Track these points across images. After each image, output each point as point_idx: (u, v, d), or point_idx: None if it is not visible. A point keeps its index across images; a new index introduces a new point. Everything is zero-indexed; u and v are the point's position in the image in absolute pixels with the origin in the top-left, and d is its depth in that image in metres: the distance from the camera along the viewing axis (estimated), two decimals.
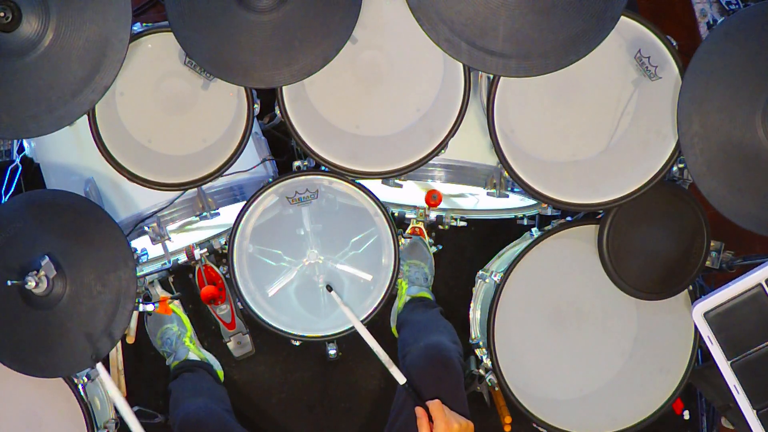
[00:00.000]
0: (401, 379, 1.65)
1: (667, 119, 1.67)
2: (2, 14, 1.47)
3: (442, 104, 1.75)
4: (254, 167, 1.92)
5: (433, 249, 2.26)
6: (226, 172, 1.76)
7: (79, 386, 1.71)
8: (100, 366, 1.59)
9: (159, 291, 2.20)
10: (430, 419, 1.56)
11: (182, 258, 2.06)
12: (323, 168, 1.78)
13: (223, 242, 2.06)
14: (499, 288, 1.81)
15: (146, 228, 1.83)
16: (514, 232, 2.08)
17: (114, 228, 1.65)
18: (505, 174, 1.76)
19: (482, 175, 1.87)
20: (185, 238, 2.03)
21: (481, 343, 1.98)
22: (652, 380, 1.83)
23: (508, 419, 2.05)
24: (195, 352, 2.14)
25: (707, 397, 1.91)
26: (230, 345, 2.24)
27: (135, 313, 1.74)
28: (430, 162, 1.77)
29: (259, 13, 1.57)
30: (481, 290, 2.03)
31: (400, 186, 1.85)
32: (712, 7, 2.44)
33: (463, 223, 2.16)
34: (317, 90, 1.75)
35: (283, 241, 1.88)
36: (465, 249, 2.38)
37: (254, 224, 1.85)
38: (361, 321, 1.85)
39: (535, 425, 1.82)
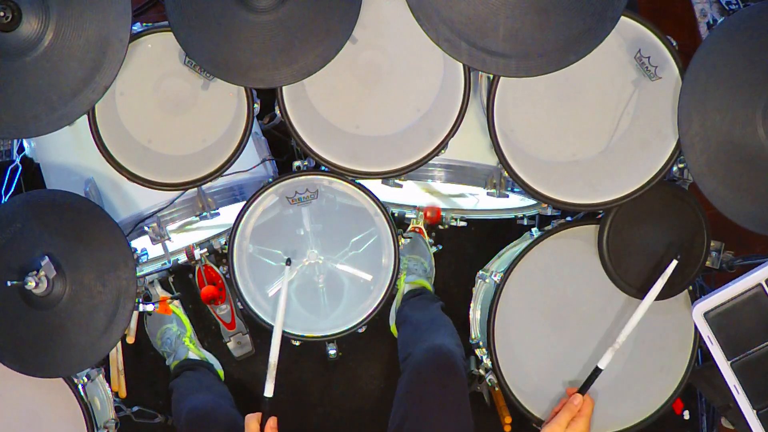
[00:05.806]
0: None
1: (667, 119, 1.67)
2: (2, 14, 1.47)
3: (442, 104, 1.75)
4: (254, 167, 1.92)
5: (433, 249, 2.26)
6: (226, 172, 1.76)
7: (79, 386, 1.71)
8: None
9: (159, 291, 2.20)
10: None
11: (182, 258, 2.06)
12: (323, 168, 1.78)
13: (223, 242, 2.06)
14: (499, 288, 1.81)
15: (146, 228, 1.83)
16: (514, 232, 2.07)
17: (114, 228, 1.65)
18: (505, 174, 1.76)
19: (482, 175, 1.86)
20: (185, 238, 2.03)
21: (481, 343, 1.97)
22: (652, 380, 1.82)
23: (508, 419, 2.04)
24: (195, 351, 2.14)
25: (707, 397, 1.91)
26: (230, 345, 2.24)
27: (135, 313, 1.74)
28: (430, 162, 1.77)
29: (259, 13, 1.57)
30: (481, 290, 2.03)
31: (400, 186, 1.85)
32: (712, 7, 2.43)
33: (463, 223, 2.16)
34: (317, 90, 1.75)
35: (283, 241, 1.88)
36: (465, 249, 2.38)
37: (254, 224, 1.84)
38: (361, 321, 1.85)
39: (535, 425, 1.82)
